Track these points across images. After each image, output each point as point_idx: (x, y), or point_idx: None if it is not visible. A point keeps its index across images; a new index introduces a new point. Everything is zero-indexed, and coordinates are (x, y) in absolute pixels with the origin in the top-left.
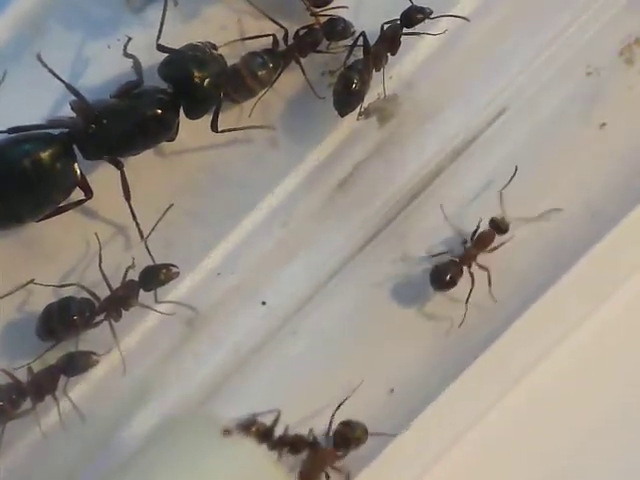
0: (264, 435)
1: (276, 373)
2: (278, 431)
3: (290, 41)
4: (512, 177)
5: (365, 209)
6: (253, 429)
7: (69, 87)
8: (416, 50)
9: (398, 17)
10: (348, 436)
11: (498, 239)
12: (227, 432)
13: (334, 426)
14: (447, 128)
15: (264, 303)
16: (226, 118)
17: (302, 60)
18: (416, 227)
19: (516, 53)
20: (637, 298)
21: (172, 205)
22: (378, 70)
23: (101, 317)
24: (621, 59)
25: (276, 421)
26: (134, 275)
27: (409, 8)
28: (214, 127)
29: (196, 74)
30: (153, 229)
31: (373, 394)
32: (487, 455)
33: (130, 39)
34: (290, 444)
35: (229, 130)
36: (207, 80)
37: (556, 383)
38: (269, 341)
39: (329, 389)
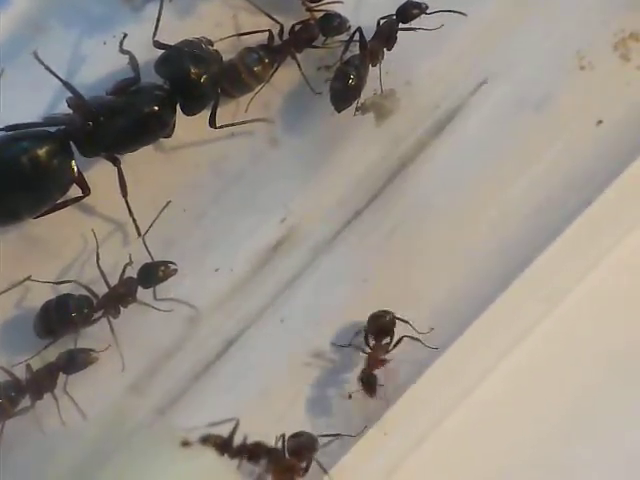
0: (223, 445)
1: (234, 382)
2: (237, 440)
3: (286, 36)
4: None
5: (360, 201)
6: (212, 439)
7: (66, 84)
8: (413, 45)
9: (394, 12)
10: (300, 447)
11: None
12: (186, 443)
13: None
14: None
15: (261, 299)
16: (223, 114)
17: (298, 55)
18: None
19: (512, 47)
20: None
21: (170, 202)
22: (374, 65)
23: (99, 314)
24: (616, 54)
25: (235, 430)
26: (132, 272)
27: (405, 3)
28: (212, 123)
29: (193, 70)
30: (151, 226)
31: (330, 400)
32: (446, 460)
33: (126, 35)
34: (249, 452)
35: (227, 125)
36: (204, 76)
37: (510, 389)
38: (256, 330)
39: (286, 397)
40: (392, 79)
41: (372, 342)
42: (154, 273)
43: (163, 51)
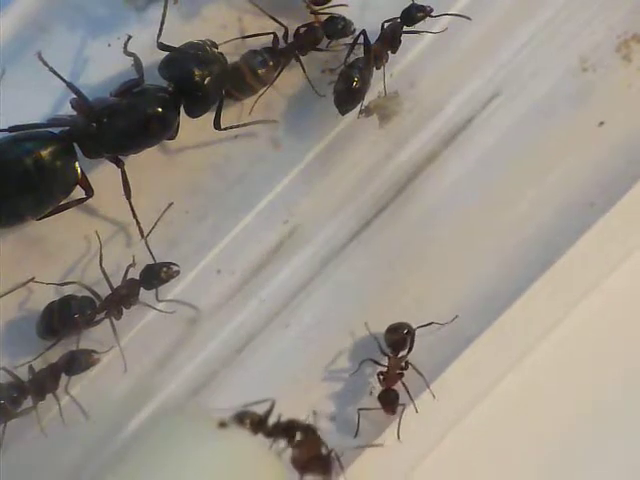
0: (259, 423)
1: (267, 365)
2: (272, 419)
3: (290, 39)
4: None
5: (363, 204)
6: (248, 417)
7: (70, 85)
8: (417, 48)
9: (398, 15)
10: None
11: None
12: (223, 424)
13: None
14: (445, 123)
15: (263, 301)
16: (227, 116)
17: (302, 58)
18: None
19: (516, 50)
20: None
21: (172, 204)
22: (378, 68)
23: (102, 315)
24: (619, 56)
25: (270, 410)
26: (135, 273)
27: (410, 6)
28: (217, 125)
29: (197, 72)
30: (153, 227)
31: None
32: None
33: (130, 37)
34: (284, 430)
35: (231, 127)
36: (208, 78)
37: (524, 394)
38: (260, 333)
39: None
40: (396, 81)
41: (389, 355)
42: (156, 274)
43: (167, 53)
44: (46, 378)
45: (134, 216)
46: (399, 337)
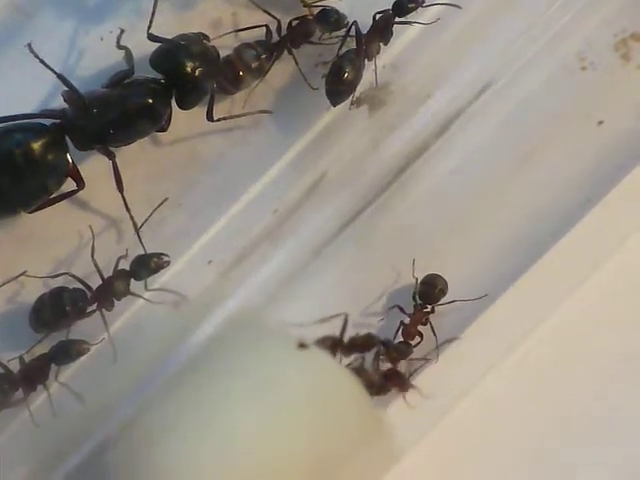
0: (336, 344)
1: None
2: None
3: (283, 32)
4: None
5: (352, 194)
6: (327, 341)
7: (60, 77)
8: (405, 36)
9: (390, 7)
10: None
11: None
12: (303, 345)
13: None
14: (434, 113)
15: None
16: (219, 108)
17: (295, 51)
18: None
19: (512, 47)
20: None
21: (167, 199)
22: (370, 60)
23: (93, 307)
24: (617, 54)
25: (345, 326)
26: (127, 265)
27: None
28: (209, 117)
29: (188, 64)
30: (146, 220)
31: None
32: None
33: (123, 31)
34: (361, 346)
35: (224, 119)
36: (199, 70)
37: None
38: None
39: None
40: (387, 72)
41: (417, 304)
42: (146, 265)
43: (158, 45)
44: (35, 369)
45: (127, 208)
46: (433, 291)
